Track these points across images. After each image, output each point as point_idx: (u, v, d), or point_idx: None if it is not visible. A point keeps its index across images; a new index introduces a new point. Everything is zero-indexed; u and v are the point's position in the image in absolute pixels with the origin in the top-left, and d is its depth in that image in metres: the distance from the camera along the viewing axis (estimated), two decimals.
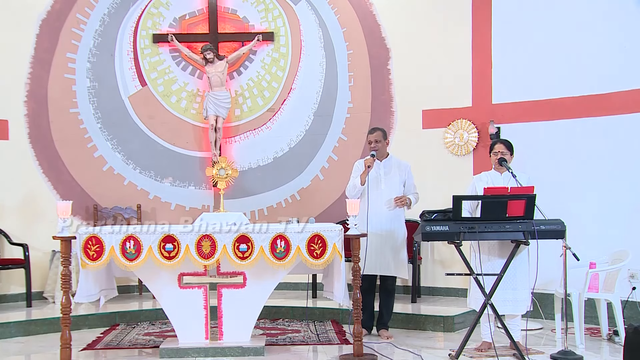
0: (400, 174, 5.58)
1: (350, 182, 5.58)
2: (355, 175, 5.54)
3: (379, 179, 5.53)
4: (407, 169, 5.63)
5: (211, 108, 7.50)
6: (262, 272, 4.90)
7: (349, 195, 5.56)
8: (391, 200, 5.47)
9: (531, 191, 4.59)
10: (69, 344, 4.57)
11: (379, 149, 5.54)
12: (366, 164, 5.42)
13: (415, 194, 5.60)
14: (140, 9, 7.75)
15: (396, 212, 5.52)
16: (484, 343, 4.92)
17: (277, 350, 5.06)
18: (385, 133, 5.64)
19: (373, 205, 5.39)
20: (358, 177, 5.47)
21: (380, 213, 5.43)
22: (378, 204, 5.43)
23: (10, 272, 6.93)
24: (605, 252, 5.63)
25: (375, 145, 5.53)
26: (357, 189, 5.47)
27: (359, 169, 5.56)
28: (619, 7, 6.21)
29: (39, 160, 7.39)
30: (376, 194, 5.42)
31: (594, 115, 6.30)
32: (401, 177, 5.57)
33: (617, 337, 5.27)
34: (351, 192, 5.53)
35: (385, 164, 5.60)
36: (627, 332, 3.87)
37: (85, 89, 7.60)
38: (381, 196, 5.46)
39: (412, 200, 5.56)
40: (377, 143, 5.54)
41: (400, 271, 5.52)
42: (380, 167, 5.57)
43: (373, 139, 5.56)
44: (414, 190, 5.61)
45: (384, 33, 7.50)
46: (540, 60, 6.60)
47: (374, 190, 5.44)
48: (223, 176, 5.76)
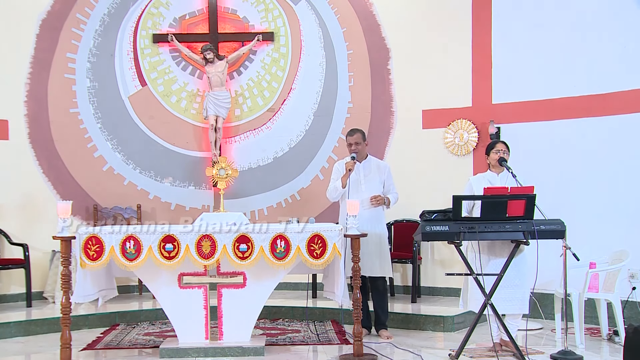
0: (380, 174, 5.59)
1: (330, 184, 5.59)
2: (336, 178, 5.56)
3: (359, 181, 5.53)
4: (386, 169, 5.64)
5: (211, 108, 7.50)
6: (262, 272, 4.90)
7: (330, 197, 5.59)
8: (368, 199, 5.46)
9: (531, 191, 4.58)
10: (69, 344, 4.57)
11: (359, 151, 5.53)
12: (347, 166, 5.42)
13: (395, 194, 5.61)
14: (140, 9, 7.75)
15: (377, 213, 5.52)
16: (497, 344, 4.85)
17: (277, 350, 5.06)
18: (364, 134, 5.63)
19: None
20: (339, 180, 5.49)
21: (361, 214, 5.34)
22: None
23: (10, 272, 6.94)
24: (605, 252, 5.63)
25: (356, 148, 5.51)
26: (339, 192, 5.49)
27: (339, 171, 5.56)
28: (619, 7, 6.21)
29: (39, 160, 7.39)
30: (357, 196, 5.40)
31: (594, 115, 6.30)
32: (381, 178, 5.58)
33: (617, 337, 5.27)
34: (332, 195, 5.56)
35: (364, 166, 5.59)
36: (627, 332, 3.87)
37: (85, 89, 7.60)
38: (362, 197, 5.43)
39: (391, 200, 5.57)
40: (357, 145, 5.52)
41: (386, 271, 5.54)
42: (360, 168, 5.56)
43: (353, 141, 5.54)
44: (394, 190, 5.62)
45: (384, 33, 7.50)
46: (540, 60, 6.60)
47: (354, 192, 5.43)
48: (223, 176, 5.77)
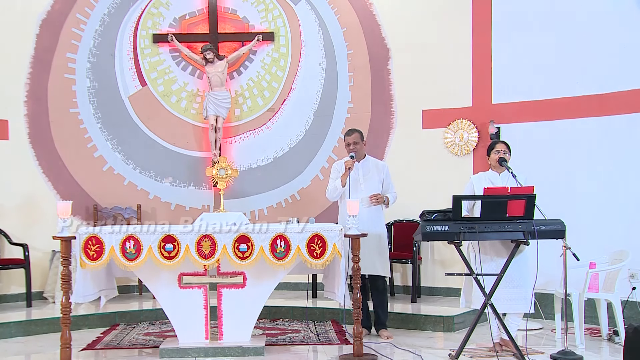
0: (379, 174, 5.59)
1: (330, 184, 5.59)
2: (335, 177, 5.56)
3: (359, 180, 5.53)
4: (384, 169, 5.65)
5: (211, 108, 7.50)
6: (262, 272, 4.90)
7: (329, 197, 5.59)
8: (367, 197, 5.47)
9: (531, 191, 4.58)
10: (69, 344, 4.57)
11: (358, 150, 5.53)
12: (346, 165, 5.42)
13: (394, 193, 5.62)
14: (140, 9, 7.75)
15: (376, 213, 5.52)
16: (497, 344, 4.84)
17: (277, 350, 5.06)
18: (362, 134, 5.64)
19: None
20: (338, 179, 5.49)
21: (360, 214, 5.34)
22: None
23: (10, 272, 6.93)
24: (605, 252, 5.63)
25: (354, 147, 5.52)
26: (338, 191, 5.49)
27: (338, 171, 5.57)
28: (619, 7, 6.21)
29: (39, 160, 7.39)
30: (356, 195, 5.40)
31: (594, 115, 6.30)
32: (380, 177, 5.59)
33: (617, 337, 5.27)
34: (332, 194, 5.56)
35: (363, 165, 5.60)
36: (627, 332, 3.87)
37: (85, 89, 7.59)
38: (361, 197, 5.43)
39: (390, 200, 5.58)
40: (356, 145, 5.53)
41: (385, 270, 5.55)
42: (359, 168, 5.56)
43: (351, 140, 5.55)
44: (392, 189, 5.63)
45: (384, 33, 7.50)
46: (540, 60, 6.60)
47: (354, 192, 5.44)
48: (223, 176, 5.76)
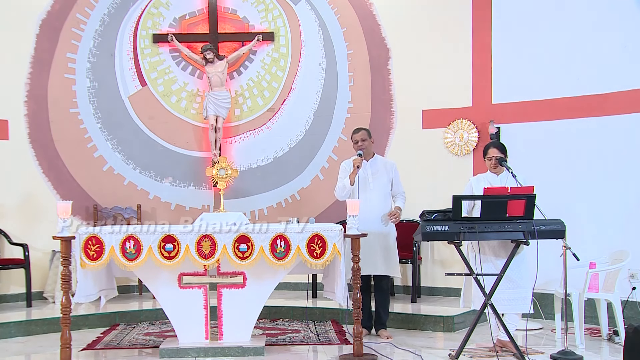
0: (388, 173, 5.57)
1: (338, 183, 5.55)
2: (344, 176, 5.52)
3: (367, 179, 5.51)
4: (393, 167, 5.62)
5: (211, 108, 7.50)
6: (262, 272, 4.90)
7: (338, 196, 5.55)
8: (385, 215, 5.44)
9: (531, 191, 4.58)
10: (69, 344, 4.57)
11: (366, 147, 5.52)
12: (355, 164, 5.38)
13: (402, 194, 5.61)
14: (140, 9, 7.75)
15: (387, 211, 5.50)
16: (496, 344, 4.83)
17: (277, 350, 5.06)
18: (369, 132, 5.61)
19: (363, 205, 5.22)
20: (347, 178, 5.46)
21: (370, 213, 5.35)
22: (367, 204, 5.33)
23: (10, 272, 6.93)
24: (605, 252, 5.63)
25: (362, 144, 5.50)
26: (347, 190, 5.46)
27: (347, 170, 5.53)
28: (619, 7, 6.21)
29: (39, 160, 7.39)
30: (365, 194, 5.40)
31: (594, 115, 6.30)
32: (389, 176, 5.57)
33: (617, 337, 5.27)
34: (341, 193, 5.52)
35: (372, 164, 5.58)
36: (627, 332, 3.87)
37: (85, 89, 7.59)
38: (370, 196, 5.43)
39: (402, 207, 5.54)
40: (364, 142, 5.51)
41: (393, 270, 5.52)
42: (368, 166, 5.54)
43: (359, 138, 5.53)
44: (401, 189, 5.62)
45: (384, 33, 7.50)
46: (540, 60, 6.60)
47: (363, 191, 5.43)
48: (223, 176, 5.76)
